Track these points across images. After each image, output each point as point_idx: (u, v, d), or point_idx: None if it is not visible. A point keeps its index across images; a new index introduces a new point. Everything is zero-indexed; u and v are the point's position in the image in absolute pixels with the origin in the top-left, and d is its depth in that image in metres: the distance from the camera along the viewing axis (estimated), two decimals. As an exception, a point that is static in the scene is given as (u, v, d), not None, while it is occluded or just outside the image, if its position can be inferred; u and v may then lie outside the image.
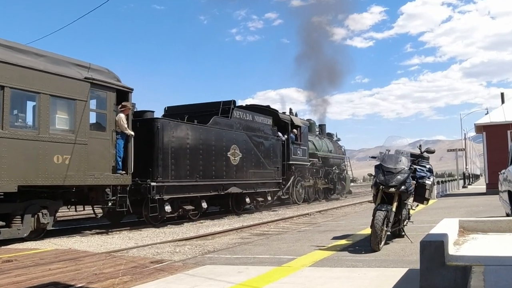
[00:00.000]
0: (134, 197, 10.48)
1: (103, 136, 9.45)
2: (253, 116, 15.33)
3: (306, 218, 13.32)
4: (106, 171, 9.44)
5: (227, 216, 13.80)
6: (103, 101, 9.54)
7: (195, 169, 12.26)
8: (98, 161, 9.23)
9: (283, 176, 17.18)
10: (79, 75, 9.00)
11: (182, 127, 11.99)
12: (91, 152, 9.06)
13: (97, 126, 9.51)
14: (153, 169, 10.90)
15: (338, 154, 24.46)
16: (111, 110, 9.65)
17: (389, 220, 5.52)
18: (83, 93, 8.95)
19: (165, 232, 10.19)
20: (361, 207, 17.38)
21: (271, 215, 14.23)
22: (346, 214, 13.22)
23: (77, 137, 8.79)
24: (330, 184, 22.69)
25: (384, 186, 5.69)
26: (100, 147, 9.32)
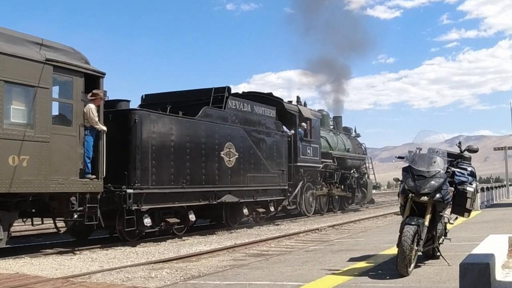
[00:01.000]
0: (105, 208, 10.68)
1: (68, 131, 9.63)
2: (253, 106, 15.54)
3: (316, 235, 13.51)
4: (72, 176, 9.63)
5: (220, 231, 14.01)
6: (69, 88, 9.73)
7: (181, 172, 12.47)
8: (62, 163, 9.42)
9: (290, 181, 17.42)
10: (40, 56, 9.18)
11: (165, 121, 12.19)
12: (54, 152, 9.25)
13: (61, 119, 9.70)
14: (129, 172, 11.11)
15: (358, 154, 24.73)
16: (79, 99, 9.84)
17: (420, 237, 5.55)
18: (44, 78, 9.14)
19: (137, 252, 10.32)
20: (385, 220, 17.62)
21: (271, 231, 14.41)
22: (366, 230, 13.42)
23: (36, 133, 8.97)
24: (348, 191, 22.95)
25: (414, 193, 5.73)
26: (64, 145, 9.50)
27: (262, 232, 14.15)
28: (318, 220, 18.23)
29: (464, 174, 6.27)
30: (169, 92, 15.52)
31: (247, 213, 15.34)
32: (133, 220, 11.20)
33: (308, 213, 19.31)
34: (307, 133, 19.08)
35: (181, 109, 13.49)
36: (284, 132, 17.13)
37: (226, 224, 14.92)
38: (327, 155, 20.95)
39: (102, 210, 10.40)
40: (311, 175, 19.68)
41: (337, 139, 22.94)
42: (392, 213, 19.79)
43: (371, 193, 25.17)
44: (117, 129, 10.93)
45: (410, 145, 6.30)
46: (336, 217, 19.33)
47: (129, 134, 11.26)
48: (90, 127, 9.98)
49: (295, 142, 18.09)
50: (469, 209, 6.22)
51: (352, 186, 23.20)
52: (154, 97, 15.34)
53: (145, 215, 11.57)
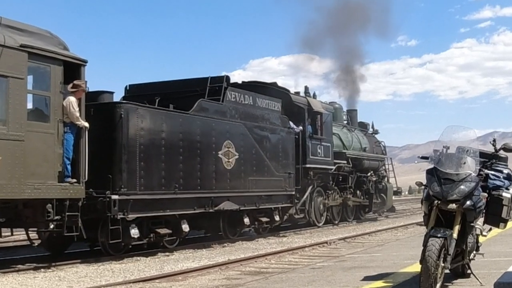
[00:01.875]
0: (86, 217, 10.94)
1: (45, 129, 9.91)
2: (255, 98, 15.85)
3: (325, 249, 13.70)
4: (50, 179, 9.91)
5: (216, 244, 14.27)
6: (46, 78, 10.01)
7: (173, 175, 12.77)
8: (38, 164, 9.70)
9: (297, 186, 17.73)
10: (12, 41, 9.46)
11: (155, 116, 12.48)
12: (29, 152, 9.52)
13: (37, 114, 9.98)
14: (114, 175, 11.39)
15: (376, 154, 25.07)
16: (57, 91, 10.11)
17: (447, 252, 5.59)
18: (18, 67, 9.41)
19: (113, 269, 10.45)
20: (405, 232, 17.81)
21: (271, 244, 14.57)
22: (384, 243, 13.56)
23: (9, 130, 9.25)
24: (365, 197, 23.28)
25: (440, 200, 5.75)
26: (41, 144, 9.78)
27: (260, 245, 14.38)
28: (327, 231, 18.50)
29: (499, 178, 6.28)
30: (157, 82, 15.81)
31: (249, 223, 15.63)
32: (118, 231, 11.47)
33: (318, 222, 19.63)
34: (318, 129, 19.39)
35: (172, 101, 13.76)
36: (291, 128, 17.44)
37: (224, 236, 15.22)
38: (340, 155, 21.27)
39: (83, 219, 10.68)
40: (322, 179, 20.00)
41: (352, 137, 23.28)
42: (414, 223, 20.00)
43: (391, 199, 25.53)
44: (99, 126, 11.19)
45: (436, 143, 6.31)
46: (349, 228, 19.54)
47: (114, 131, 11.54)
48: (70, 124, 10.26)
49: (304, 140, 18.41)
50: (505, 218, 6.21)
51: (369, 192, 23.54)
52: (140, 88, 15.64)
53: (132, 225, 11.85)
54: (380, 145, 26.12)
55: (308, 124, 18.79)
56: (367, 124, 26.29)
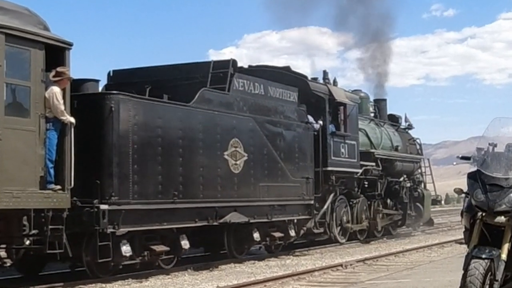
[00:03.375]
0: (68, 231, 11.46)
1: (25, 125, 10.43)
2: (267, 87, 16.42)
3: (339, 273, 13.91)
4: (31, 186, 10.43)
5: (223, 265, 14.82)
6: (25, 65, 10.54)
7: (172, 181, 13.34)
8: (17, 168, 10.22)
9: (317, 193, 18.30)
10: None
11: (150, 109, 13.04)
12: (6, 153, 10.04)
13: (15, 108, 10.50)
14: (103, 181, 11.93)
15: (410, 154, 25.64)
16: (38, 80, 10.64)
17: (494, 278, 5.67)
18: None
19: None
20: (441, 252, 18.04)
21: (271, 267, 14.69)
22: (414, 266, 13.83)
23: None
24: (398, 207, 23.86)
25: (485, 212, 5.84)
26: (20, 144, 10.30)
27: (257, 269, 14.57)
28: (342, 251, 18.57)
29: None
30: (147, 68, 16.35)
31: (259, 239, 16.19)
32: (108, 248, 12.00)
33: (341, 239, 20.20)
34: (341, 124, 19.92)
35: (166, 91, 14.30)
36: (310, 123, 17.99)
37: (229, 254, 15.79)
38: (367, 156, 21.85)
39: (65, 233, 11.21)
40: (346, 185, 20.58)
41: (381, 133, 23.86)
42: (452, 241, 20.10)
43: (429, 210, 26.07)
44: (85, 121, 11.65)
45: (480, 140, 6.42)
46: (369, 247, 19.77)
47: (103, 127, 12.10)
48: (53, 119, 10.78)
49: (324, 138, 18.97)
50: None
51: (403, 201, 24.13)
52: (126, 74, 16.16)
53: (123, 241, 12.40)
54: (415, 143, 26.71)
55: (329, 117, 19.34)
56: (398, 117, 26.83)
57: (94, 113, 12.09)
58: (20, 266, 12.98)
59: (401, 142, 25.10)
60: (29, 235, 10.87)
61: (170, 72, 15.82)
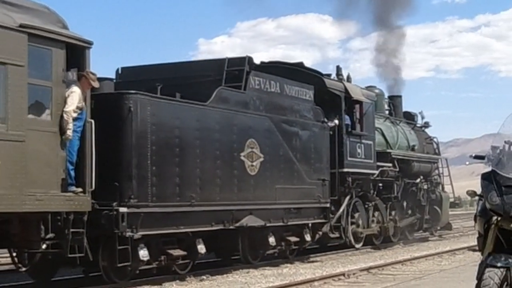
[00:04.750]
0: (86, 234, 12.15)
1: (47, 127, 11.14)
2: (282, 85, 17.13)
3: (341, 283, 14.15)
4: (53, 188, 11.15)
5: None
6: (46, 65, 11.24)
7: (189, 183, 14.07)
8: (40, 170, 10.92)
9: (333, 195, 19.03)
10: (10, 20, 10.69)
11: (167, 109, 13.76)
12: (30, 155, 10.75)
13: (38, 109, 11.20)
14: (122, 183, 12.65)
15: (427, 154, 26.39)
16: (59, 80, 11.35)
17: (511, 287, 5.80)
18: (17, 52, 10.62)
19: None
20: (452, 260, 18.25)
21: (267, 277, 14.86)
22: (423, 275, 14.05)
23: (9, 129, 10.48)
24: (415, 211, 24.57)
25: (501, 216, 5.91)
26: (43, 146, 11.01)
27: (252, 278, 14.73)
28: (344, 259, 18.97)
29: None
30: (158, 65, 17.06)
31: (274, 243, 16.87)
32: (127, 252, 12.70)
33: (356, 243, 20.92)
34: (356, 123, 20.61)
35: (178, 89, 14.96)
36: (325, 123, 18.69)
37: (243, 260, 16.50)
38: (383, 156, 22.57)
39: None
40: (362, 187, 21.32)
41: (397, 132, 24.57)
42: (464, 248, 20.44)
43: (447, 214, 26.77)
44: (102, 122, 12.34)
45: (495, 138, 6.51)
46: (374, 255, 20.02)
47: (121, 128, 12.80)
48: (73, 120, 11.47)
49: (341, 138, 19.69)
50: None
51: (420, 204, 24.89)
52: (136, 71, 16.86)
53: (141, 245, 13.08)
54: (432, 142, 27.45)
55: (345, 116, 20.06)
56: (414, 115, 27.53)
57: (112, 114, 12.76)
58: (32, 271, 13.55)
59: (418, 142, 25.79)
60: (46, 239, 11.53)
61: (182, 70, 16.57)
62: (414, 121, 27.22)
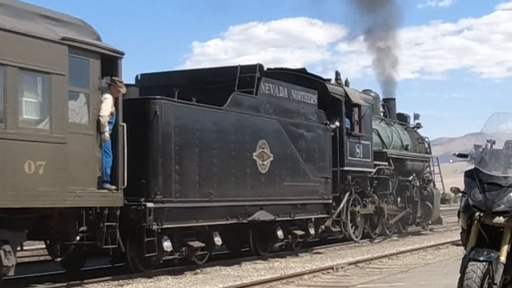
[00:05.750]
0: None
1: (85, 130, 11.90)
2: (290, 91, 17.91)
3: (330, 276, 14.29)
4: (90, 186, 11.90)
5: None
6: (85, 74, 11.99)
7: (208, 180, 14.83)
8: (79, 169, 11.68)
9: (335, 192, 19.83)
10: (53, 34, 11.43)
11: (188, 112, 14.52)
12: (70, 156, 11.51)
13: (77, 114, 11.94)
14: (149, 180, 13.40)
15: (419, 153, 27.22)
16: (95, 88, 12.11)
17: (493, 281, 5.76)
18: (59, 62, 11.39)
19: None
20: (437, 254, 18.51)
21: (258, 270, 15.06)
22: (408, 269, 14.21)
23: (53, 132, 11.23)
24: (408, 206, 25.46)
25: (483, 212, 5.89)
26: (81, 147, 11.77)
27: (244, 272, 14.90)
28: (333, 253, 19.14)
29: None
30: (175, 72, 17.81)
31: (282, 237, 17.63)
32: (153, 243, 13.44)
33: (355, 237, 21.72)
34: (354, 124, 21.41)
35: (194, 94, 15.69)
36: (328, 125, 19.48)
37: (254, 251, 17.26)
38: (380, 156, 23.42)
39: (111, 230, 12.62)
40: (360, 184, 22.14)
41: (392, 132, 25.42)
42: (448, 242, 20.65)
43: (438, 209, 27.62)
44: (131, 125, 13.08)
45: (477, 137, 6.51)
46: (361, 249, 20.24)
47: (148, 130, 13.56)
48: (108, 124, 12.22)
49: (341, 139, 20.53)
50: None
51: (413, 199, 25.74)
52: (154, 78, 17.60)
53: (164, 237, 13.83)
54: (424, 141, 28.26)
55: (345, 118, 20.85)
56: (407, 116, 28.37)
57: (140, 117, 13.46)
58: (64, 262, 14.20)
59: (411, 141, 26.64)
60: (80, 232, 12.26)
61: (197, 76, 17.32)
62: (406, 122, 28.02)
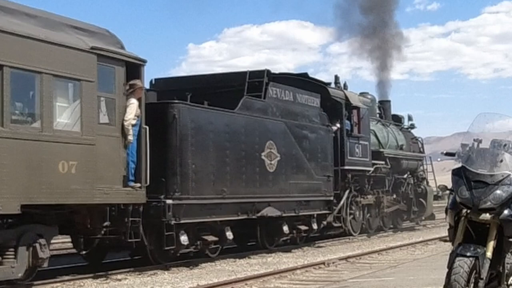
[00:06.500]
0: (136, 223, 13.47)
1: (112, 132, 12.50)
2: (295, 94, 18.56)
3: (322, 271, 14.43)
4: (117, 184, 12.50)
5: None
6: (110, 80, 12.60)
7: (221, 178, 15.45)
8: (106, 169, 12.28)
9: (336, 190, 20.49)
10: (83, 43, 12.03)
11: (203, 115, 15.13)
12: (99, 157, 12.10)
13: (105, 117, 12.55)
14: (168, 179, 14.02)
15: (413, 152, 27.92)
16: (121, 93, 12.71)
17: (479, 276, 5.76)
18: (89, 70, 11.99)
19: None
20: (425, 249, 18.72)
21: (252, 265, 15.22)
22: (397, 264, 14.36)
23: (83, 134, 11.83)
24: (403, 202, 26.15)
25: (470, 209, 5.90)
26: (108, 148, 12.37)
27: (239, 267, 15.04)
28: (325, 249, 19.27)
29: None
30: (187, 77, 18.45)
31: (288, 231, 18.26)
32: (171, 237, 14.05)
33: (354, 231, 22.39)
34: (354, 126, 22.08)
35: (206, 98, 16.31)
36: (330, 126, 20.14)
37: (261, 245, 17.89)
38: (377, 155, 24.13)
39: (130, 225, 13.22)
40: (359, 182, 22.81)
41: (387, 133, 26.10)
42: (436, 238, 20.75)
43: (431, 205, 28.33)
44: (151, 127, 13.68)
45: (464, 136, 6.49)
46: (352, 245, 20.40)
47: (167, 132, 14.17)
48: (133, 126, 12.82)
49: (342, 139, 21.23)
50: None
51: (408, 196, 26.46)
52: (168, 82, 18.23)
53: (181, 232, 14.44)
54: (417, 141, 28.97)
55: (345, 120, 21.52)
56: (401, 117, 29.07)
57: (159, 120, 14.04)
58: (87, 255, 14.84)
59: (405, 141, 27.33)
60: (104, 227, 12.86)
61: (208, 81, 17.95)
62: (401, 123, 28.70)
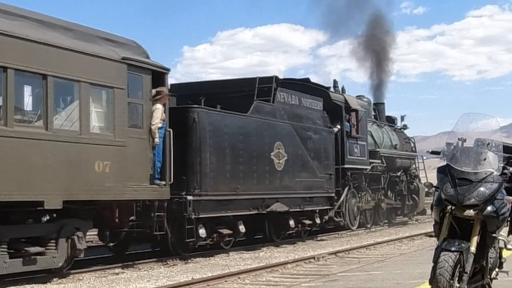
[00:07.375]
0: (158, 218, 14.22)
1: (140, 134, 13.24)
2: (300, 98, 19.35)
3: (312, 265, 14.54)
4: (144, 182, 13.24)
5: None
6: (138, 87, 13.35)
7: (236, 176, 16.23)
8: (135, 168, 13.03)
9: (337, 187, 21.30)
10: (115, 54, 12.78)
11: (220, 118, 15.89)
12: (129, 156, 12.85)
13: (134, 121, 13.28)
14: (189, 177, 14.78)
15: (406, 151, 28.75)
16: (147, 99, 13.46)
17: (464, 270, 5.77)
18: (120, 78, 12.74)
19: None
20: (411, 245, 18.82)
21: (245, 260, 15.33)
22: (385, 258, 14.46)
23: (116, 137, 12.58)
24: (397, 199, 26.95)
25: (455, 205, 5.92)
26: (137, 149, 13.12)
27: (232, 261, 15.17)
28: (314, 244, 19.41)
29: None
30: (201, 82, 19.25)
31: (294, 226, 19.05)
32: (191, 230, 14.81)
33: (352, 225, 23.19)
34: (352, 127, 22.88)
35: (218, 102, 17.07)
36: (331, 128, 20.96)
37: (269, 239, 18.66)
38: (374, 154, 24.93)
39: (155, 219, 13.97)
40: (357, 180, 23.62)
41: (382, 133, 26.94)
42: (422, 234, 20.74)
43: (423, 201, 29.15)
44: (174, 129, 14.41)
45: (449, 135, 6.47)
46: (341, 240, 20.52)
47: (188, 134, 14.94)
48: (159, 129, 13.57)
49: (342, 140, 22.03)
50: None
51: (402, 193, 27.28)
52: (183, 87, 18.97)
53: (200, 225, 15.21)
54: (410, 141, 29.79)
55: (345, 122, 22.33)
56: (394, 118, 29.91)
57: (181, 123, 14.78)
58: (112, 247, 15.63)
59: (399, 141, 28.19)
60: (130, 221, 13.61)
61: (221, 86, 18.75)
62: (394, 123, 29.52)
